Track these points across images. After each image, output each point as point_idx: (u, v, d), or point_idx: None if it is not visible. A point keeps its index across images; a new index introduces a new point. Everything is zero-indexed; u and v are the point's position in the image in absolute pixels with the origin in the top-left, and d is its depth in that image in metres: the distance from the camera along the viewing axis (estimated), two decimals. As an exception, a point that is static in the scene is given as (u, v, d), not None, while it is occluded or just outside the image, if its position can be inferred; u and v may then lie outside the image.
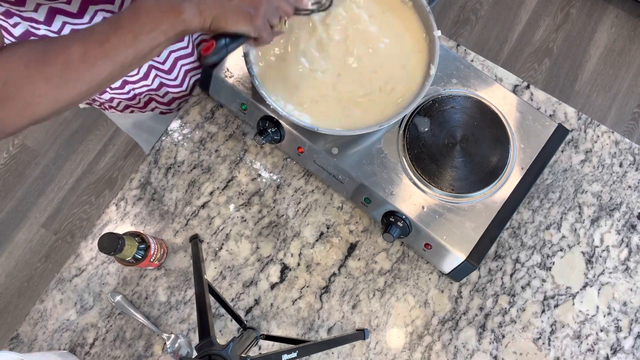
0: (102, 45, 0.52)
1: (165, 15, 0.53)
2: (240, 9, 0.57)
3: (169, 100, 0.93)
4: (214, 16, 0.56)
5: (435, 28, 0.76)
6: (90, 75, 0.53)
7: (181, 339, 0.79)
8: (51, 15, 0.63)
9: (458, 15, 2.10)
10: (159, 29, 0.53)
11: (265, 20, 0.59)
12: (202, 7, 0.55)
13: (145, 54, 0.55)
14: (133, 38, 0.53)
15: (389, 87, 0.76)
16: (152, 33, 0.53)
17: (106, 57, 0.52)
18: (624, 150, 0.92)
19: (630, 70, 2.03)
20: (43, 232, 1.79)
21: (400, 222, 0.75)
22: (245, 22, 0.57)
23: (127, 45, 0.53)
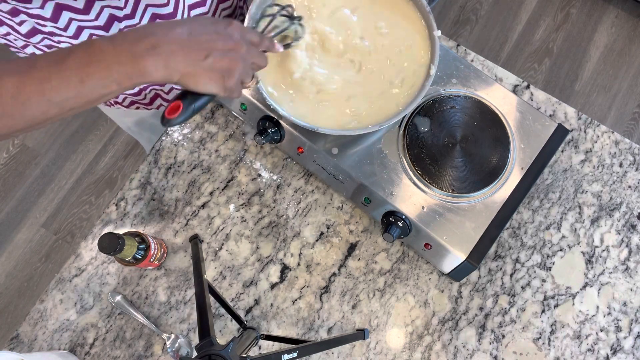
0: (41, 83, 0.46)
1: (123, 65, 0.48)
2: (213, 69, 0.52)
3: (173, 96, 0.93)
4: (183, 73, 0.51)
5: (435, 28, 0.76)
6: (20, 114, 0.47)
7: (181, 339, 0.79)
8: (58, 11, 0.62)
9: (458, 15, 2.10)
10: (111, 77, 0.48)
11: (238, 81, 0.55)
12: (170, 62, 0.49)
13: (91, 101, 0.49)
14: (79, 82, 0.47)
15: (389, 86, 0.76)
16: (103, 81, 0.48)
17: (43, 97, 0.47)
18: (624, 150, 0.92)
19: (630, 70, 2.03)
20: (43, 232, 1.79)
21: (400, 222, 0.75)
22: (217, 84, 0.53)
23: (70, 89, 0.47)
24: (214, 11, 0.82)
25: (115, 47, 0.48)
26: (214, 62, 0.52)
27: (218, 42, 0.53)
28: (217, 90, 0.54)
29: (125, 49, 0.48)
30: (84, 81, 0.47)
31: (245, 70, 0.56)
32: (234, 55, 0.54)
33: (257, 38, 0.60)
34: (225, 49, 0.53)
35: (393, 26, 0.78)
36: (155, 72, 0.49)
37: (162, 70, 0.49)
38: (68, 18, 0.65)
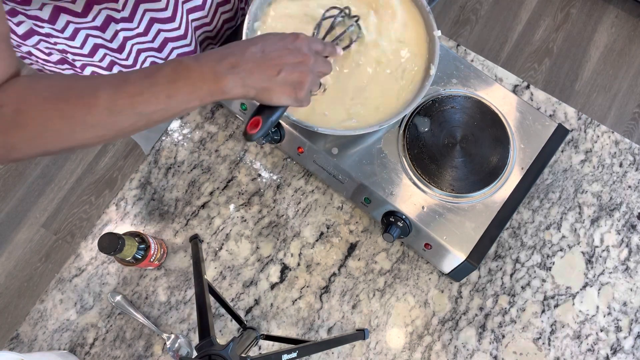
0: (133, 97, 0.50)
1: (206, 83, 0.52)
2: (286, 83, 0.56)
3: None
4: (258, 89, 0.55)
5: (435, 28, 0.76)
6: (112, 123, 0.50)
7: (181, 339, 0.79)
8: (56, 13, 0.63)
9: (458, 15, 2.10)
10: (195, 94, 0.52)
11: (308, 91, 0.58)
12: (247, 80, 0.53)
13: (176, 114, 0.53)
14: (166, 97, 0.51)
15: (389, 86, 0.76)
16: (188, 96, 0.52)
17: (134, 109, 0.50)
18: (624, 150, 0.92)
19: (630, 70, 2.03)
20: (43, 232, 1.79)
21: (400, 222, 0.75)
22: (290, 96, 0.57)
23: (158, 103, 0.51)
24: (212, 14, 0.82)
25: (201, 66, 0.52)
26: (286, 76, 0.55)
27: (288, 57, 0.56)
28: (290, 102, 0.57)
29: (210, 68, 0.52)
30: (172, 96, 0.51)
31: (314, 80, 0.59)
32: (304, 68, 0.57)
33: (321, 46, 0.62)
34: (295, 62, 0.56)
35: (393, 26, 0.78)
36: (233, 89, 0.53)
37: (239, 88, 0.53)
38: (66, 20, 0.66)
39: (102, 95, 0.49)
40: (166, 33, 0.76)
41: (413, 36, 0.78)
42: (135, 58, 0.78)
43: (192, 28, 0.80)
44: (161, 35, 0.76)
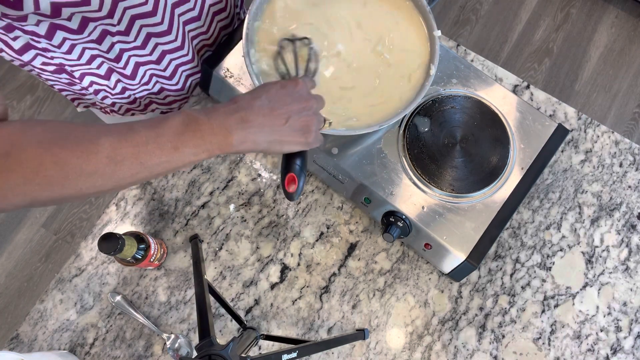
0: (138, 146, 0.47)
1: (216, 137, 0.51)
2: (295, 130, 0.57)
3: (169, 101, 0.93)
4: (269, 141, 0.55)
5: (435, 28, 0.76)
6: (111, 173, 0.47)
7: (181, 339, 0.79)
8: (52, 30, 0.63)
9: (458, 15, 2.10)
10: (203, 147, 0.51)
11: (317, 132, 0.59)
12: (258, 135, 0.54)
13: (179, 167, 0.51)
14: (172, 149, 0.49)
15: (389, 86, 0.76)
16: (195, 149, 0.50)
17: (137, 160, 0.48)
18: (624, 150, 0.92)
19: (630, 70, 2.03)
20: (43, 232, 1.79)
21: (400, 222, 0.75)
22: (300, 143, 0.58)
23: (163, 154, 0.49)
24: (209, 24, 0.82)
25: (210, 119, 0.51)
26: (293, 124, 0.56)
27: (293, 105, 0.57)
28: (300, 147, 0.59)
29: (220, 123, 0.52)
30: (178, 148, 0.49)
31: (318, 120, 0.60)
32: (308, 112, 0.58)
33: (312, 84, 0.64)
34: (300, 108, 0.57)
35: (393, 26, 0.78)
36: (243, 144, 0.53)
37: (249, 143, 0.54)
38: (62, 37, 0.66)
39: (104, 143, 0.46)
40: (163, 46, 0.76)
41: (413, 36, 0.78)
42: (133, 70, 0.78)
43: (189, 38, 0.80)
44: (158, 48, 0.76)
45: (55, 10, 0.56)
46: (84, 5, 0.57)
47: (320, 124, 0.61)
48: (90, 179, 0.46)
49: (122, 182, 0.49)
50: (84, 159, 0.45)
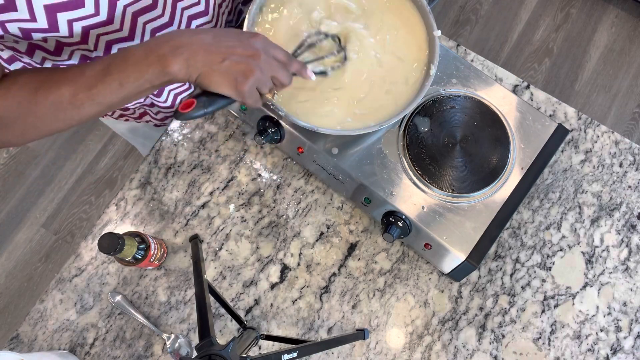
0: (90, 90, 0.54)
1: (152, 67, 0.54)
2: (228, 72, 0.55)
3: (161, 117, 0.93)
4: (200, 73, 0.54)
5: (435, 28, 0.76)
6: (78, 115, 0.57)
7: (181, 339, 0.79)
8: (31, 49, 0.64)
9: (458, 15, 2.10)
10: (144, 78, 0.54)
11: (253, 87, 0.56)
12: (190, 61, 0.54)
13: (130, 98, 0.56)
14: (119, 85, 0.54)
15: (389, 86, 0.76)
16: (138, 82, 0.54)
17: (93, 101, 0.55)
18: (624, 150, 0.92)
19: (630, 70, 2.03)
20: (43, 232, 1.79)
21: (400, 222, 0.75)
22: (230, 86, 0.55)
23: (112, 91, 0.55)
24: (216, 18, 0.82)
25: (146, 51, 0.54)
26: (230, 65, 0.55)
27: (237, 49, 0.56)
28: (229, 91, 0.56)
29: (154, 52, 0.54)
30: (123, 84, 0.54)
31: (261, 79, 0.57)
32: (251, 62, 0.56)
33: (284, 57, 0.61)
34: (244, 55, 0.56)
35: (393, 26, 0.78)
36: (178, 71, 0.54)
37: (184, 70, 0.54)
38: (42, 57, 0.67)
39: (65, 93, 0.54)
40: None
41: (413, 36, 0.78)
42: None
43: None
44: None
45: (25, 34, 0.56)
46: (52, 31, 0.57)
47: (264, 86, 0.58)
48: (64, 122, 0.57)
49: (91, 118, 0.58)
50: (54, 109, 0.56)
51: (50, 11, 0.55)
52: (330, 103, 0.75)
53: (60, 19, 0.56)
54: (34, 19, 0.54)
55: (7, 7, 0.51)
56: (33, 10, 0.53)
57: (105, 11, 0.60)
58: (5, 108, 0.55)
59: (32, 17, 0.54)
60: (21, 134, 0.58)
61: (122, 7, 0.62)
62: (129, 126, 1.00)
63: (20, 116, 0.56)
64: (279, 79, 0.59)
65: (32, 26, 0.55)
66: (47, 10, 0.54)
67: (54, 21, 0.56)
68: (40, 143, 1.88)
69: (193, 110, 0.56)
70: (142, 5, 0.64)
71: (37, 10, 0.53)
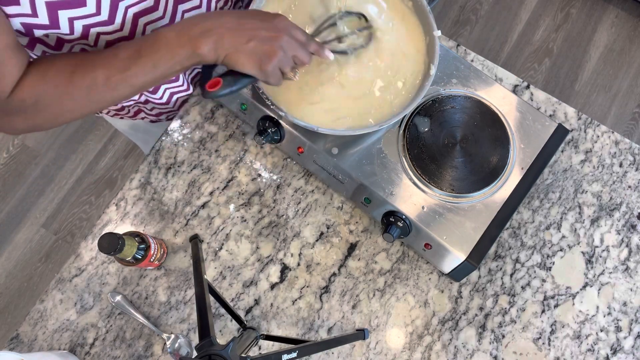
0: (124, 72, 0.57)
1: (183, 48, 0.56)
2: (253, 52, 0.57)
3: (156, 113, 0.93)
4: (227, 53, 0.57)
5: (435, 28, 0.76)
6: (112, 97, 0.59)
7: (181, 339, 0.79)
8: (32, 43, 0.64)
9: (458, 15, 2.10)
10: (175, 60, 0.57)
11: (276, 67, 0.59)
12: (218, 43, 0.56)
13: (162, 79, 0.59)
14: (152, 66, 0.57)
15: (389, 86, 0.76)
16: (170, 62, 0.57)
17: (126, 83, 0.58)
18: (624, 150, 0.92)
19: (630, 70, 2.03)
20: (43, 232, 1.79)
21: (400, 222, 0.75)
22: (255, 66, 0.58)
23: (146, 73, 0.57)
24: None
25: (177, 33, 0.57)
26: (255, 46, 0.57)
27: (261, 31, 0.58)
28: (254, 71, 0.58)
29: (185, 34, 0.56)
30: (157, 66, 0.57)
31: (284, 59, 0.60)
32: (274, 43, 0.58)
33: (304, 37, 0.63)
34: (267, 36, 0.58)
35: (393, 26, 0.78)
36: (207, 53, 0.56)
37: (212, 51, 0.56)
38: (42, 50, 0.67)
39: (99, 76, 0.57)
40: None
41: (413, 36, 0.78)
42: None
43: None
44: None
45: (27, 30, 0.57)
46: (53, 28, 0.58)
47: (286, 65, 0.60)
48: (98, 104, 0.60)
49: (124, 99, 0.61)
50: (88, 92, 0.58)
51: (52, 8, 0.55)
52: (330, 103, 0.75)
53: (62, 17, 0.57)
54: (35, 14, 0.55)
55: (9, 1, 0.52)
56: (35, 6, 0.54)
57: (106, 11, 0.60)
58: (41, 92, 0.57)
59: (33, 12, 0.54)
60: (55, 116, 0.60)
61: (124, 8, 0.62)
62: (131, 123, 1.00)
63: (57, 99, 0.58)
64: (299, 58, 0.62)
65: (33, 21, 0.55)
66: (48, 7, 0.55)
67: (55, 18, 0.56)
68: (40, 143, 1.88)
69: (220, 88, 0.59)
70: (144, 7, 0.65)
71: (38, 6, 0.54)
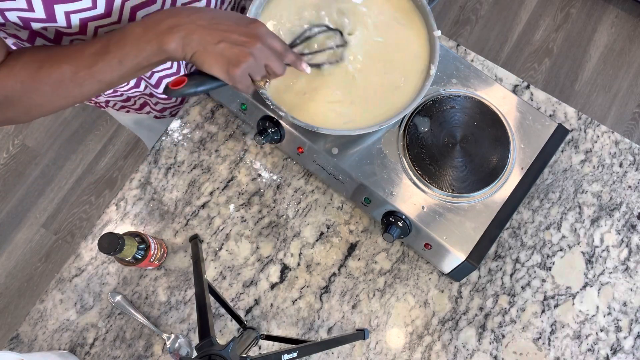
0: (90, 68, 0.55)
1: (149, 45, 0.54)
2: (221, 55, 0.55)
3: (160, 109, 0.93)
4: (194, 52, 0.55)
5: (435, 28, 0.76)
6: (80, 93, 0.58)
7: (181, 339, 0.79)
8: (32, 36, 0.64)
9: (458, 15, 2.10)
10: (142, 56, 0.55)
11: (245, 73, 0.56)
12: (186, 40, 0.54)
13: (130, 75, 0.57)
14: (118, 63, 0.55)
15: (389, 86, 0.76)
16: (136, 59, 0.55)
17: (93, 79, 0.56)
18: (624, 150, 0.92)
19: (630, 70, 2.03)
20: (43, 232, 1.79)
21: (400, 222, 0.75)
22: (221, 69, 0.55)
23: (112, 69, 0.56)
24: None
25: (144, 28, 0.54)
26: (225, 48, 0.55)
27: (234, 33, 0.56)
28: (220, 73, 0.56)
29: (152, 29, 0.54)
30: (123, 62, 0.55)
31: (254, 66, 0.57)
32: (245, 48, 0.55)
33: (281, 47, 0.60)
34: (239, 40, 0.55)
35: (393, 26, 0.78)
36: (175, 49, 0.54)
37: (180, 48, 0.54)
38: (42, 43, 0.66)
39: (66, 71, 0.55)
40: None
41: (413, 36, 0.78)
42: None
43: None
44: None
45: (25, 23, 0.56)
46: (50, 22, 0.57)
47: (257, 73, 0.58)
48: (67, 99, 0.59)
49: (92, 95, 0.59)
50: (57, 87, 0.57)
51: (48, 2, 0.55)
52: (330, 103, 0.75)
53: (58, 10, 0.56)
54: (31, 9, 0.54)
55: None
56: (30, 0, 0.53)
57: (102, 5, 0.59)
58: (9, 87, 0.56)
59: (29, 7, 0.54)
60: (26, 111, 0.59)
61: (120, 2, 0.61)
62: (135, 118, 1.00)
63: (24, 95, 0.57)
64: (272, 68, 0.59)
65: (30, 15, 0.55)
66: (44, 1, 0.54)
67: (52, 12, 0.56)
68: (40, 143, 1.88)
69: (183, 87, 0.56)
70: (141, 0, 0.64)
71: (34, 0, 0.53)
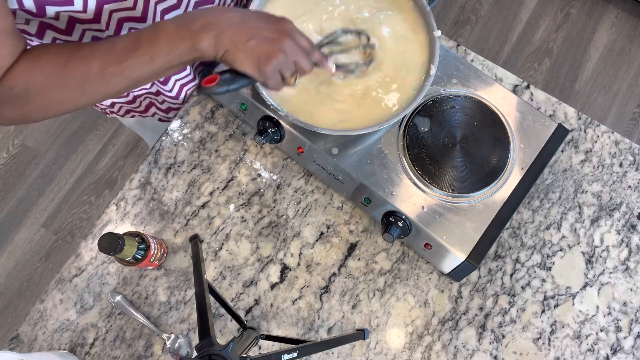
0: (120, 63, 0.54)
1: (182, 42, 0.54)
2: (253, 52, 0.56)
3: (166, 108, 0.93)
4: (226, 50, 0.55)
5: (435, 28, 0.76)
6: (106, 89, 0.57)
7: (181, 339, 0.79)
8: (42, 29, 0.63)
9: (458, 15, 2.10)
10: (174, 53, 0.55)
11: (275, 70, 0.58)
12: (218, 39, 0.55)
13: (159, 74, 0.57)
14: (149, 59, 0.55)
15: (389, 86, 0.76)
16: (168, 57, 0.55)
17: (122, 75, 0.55)
18: (624, 150, 0.92)
19: (630, 70, 2.03)
20: (43, 232, 1.79)
21: (400, 222, 0.75)
22: (253, 66, 0.56)
23: (143, 66, 0.55)
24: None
25: (177, 25, 0.54)
26: (256, 45, 0.56)
27: (264, 31, 0.57)
28: (251, 70, 0.57)
29: (185, 27, 0.54)
30: (154, 58, 0.55)
31: (284, 62, 0.58)
32: (276, 45, 0.56)
33: (308, 45, 0.61)
34: (270, 37, 0.56)
35: (393, 26, 0.78)
36: (207, 48, 0.55)
37: (212, 47, 0.55)
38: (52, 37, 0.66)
39: (94, 65, 0.54)
40: None
41: (413, 36, 0.78)
42: None
43: None
44: None
45: (39, 7, 0.56)
46: (66, 4, 0.57)
47: (287, 70, 0.59)
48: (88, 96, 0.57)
49: (118, 93, 0.58)
50: (82, 83, 0.55)
51: None
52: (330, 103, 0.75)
53: None
54: None
55: None
56: None
57: None
58: (32, 80, 0.55)
59: None
60: (45, 107, 0.57)
61: None
62: (137, 119, 1.00)
63: (48, 89, 0.55)
64: (300, 64, 0.60)
65: None
66: None
67: None
68: (40, 143, 1.88)
69: (215, 85, 0.57)
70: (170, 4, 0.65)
71: None
